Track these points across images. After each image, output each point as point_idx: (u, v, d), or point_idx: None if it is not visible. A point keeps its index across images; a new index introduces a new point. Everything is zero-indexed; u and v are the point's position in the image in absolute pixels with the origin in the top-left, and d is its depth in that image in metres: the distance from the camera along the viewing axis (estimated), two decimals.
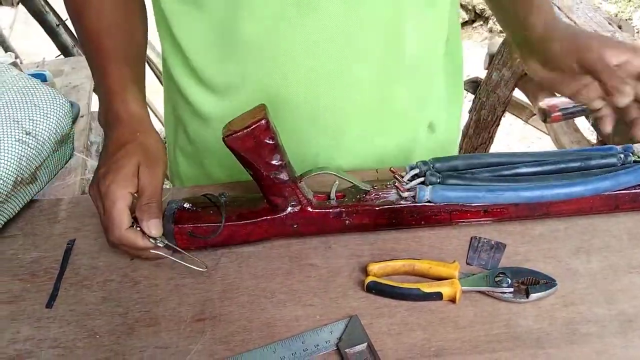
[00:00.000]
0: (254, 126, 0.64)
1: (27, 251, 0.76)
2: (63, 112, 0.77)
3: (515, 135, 2.79)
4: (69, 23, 2.38)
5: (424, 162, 0.74)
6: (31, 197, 0.79)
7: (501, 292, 0.66)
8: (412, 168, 0.74)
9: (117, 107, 0.72)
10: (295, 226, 0.72)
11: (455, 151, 1.02)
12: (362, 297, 0.68)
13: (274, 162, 0.67)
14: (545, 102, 1.18)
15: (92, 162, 1.13)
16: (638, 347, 0.62)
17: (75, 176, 0.98)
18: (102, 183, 0.67)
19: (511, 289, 0.66)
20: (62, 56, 2.48)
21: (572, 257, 0.71)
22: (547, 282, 0.66)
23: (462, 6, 4.12)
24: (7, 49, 2.83)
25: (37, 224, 0.80)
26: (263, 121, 0.64)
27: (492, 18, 3.99)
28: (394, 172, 0.74)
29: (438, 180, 0.71)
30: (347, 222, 0.72)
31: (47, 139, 0.76)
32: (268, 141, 0.66)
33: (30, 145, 0.73)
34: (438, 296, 0.66)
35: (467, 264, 0.71)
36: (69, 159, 0.81)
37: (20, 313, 0.69)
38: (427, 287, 0.66)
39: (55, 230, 0.79)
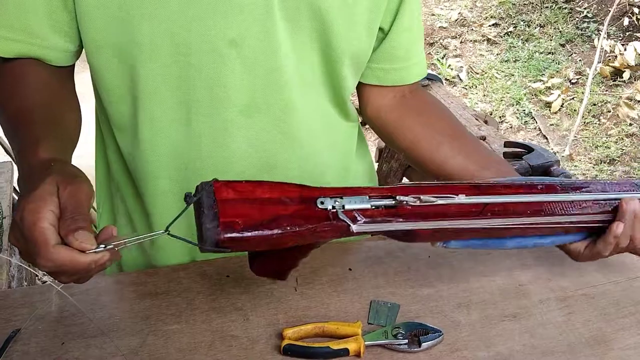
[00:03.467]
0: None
1: None
2: None
3: None
4: None
5: None
6: None
7: (398, 344, 0.77)
8: None
9: (33, 161, 0.69)
10: None
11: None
12: None
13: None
14: None
15: (16, 261, 1.17)
16: None
17: (1, 273, 1.02)
18: (18, 215, 0.62)
19: (406, 340, 0.77)
20: None
21: (455, 311, 0.84)
22: (434, 332, 0.78)
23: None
24: None
25: None
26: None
27: None
28: None
29: None
30: None
31: None
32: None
33: None
34: (345, 352, 0.76)
35: (369, 323, 0.82)
36: None
37: None
38: (336, 345, 0.76)
39: None
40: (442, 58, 4.83)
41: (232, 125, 0.85)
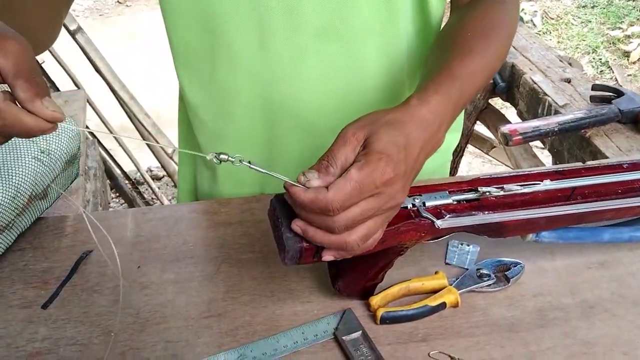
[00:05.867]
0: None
1: (37, 262, 0.81)
2: (72, 134, 0.84)
3: (476, 172, 2.92)
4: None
5: None
6: (41, 213, 0.84)
7: (487, 285, 0.74)
8: None
9: None
10: None
11: (447, 172, 1.09)
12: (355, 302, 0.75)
13: None
14: (507, 127, 1.29)
15: (91, 185, 1.19)
16: (599, 328, 0.71)
17: (77, 197, 1.04)
18: None
19: (494, 279, 0.75)
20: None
21: (539, 256, 0.80)
22: (515, 265, 0.76)
23: None
24: None
25: (45, 238, 0.85)
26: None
27: None
28: None
29: None
30: None
31: (58, 157, 0.82)
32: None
33: (44, 162, 0.79)
34: (443, 306, 0.72)
35: (446, 263, 0.79)
36: (75, 178, 0.87)
37: (37, 316, 0.74)
38: (433, 301, 0.72)
39: (62, 244, 0.84)
40: None
41: (307, 50, 0.82)
